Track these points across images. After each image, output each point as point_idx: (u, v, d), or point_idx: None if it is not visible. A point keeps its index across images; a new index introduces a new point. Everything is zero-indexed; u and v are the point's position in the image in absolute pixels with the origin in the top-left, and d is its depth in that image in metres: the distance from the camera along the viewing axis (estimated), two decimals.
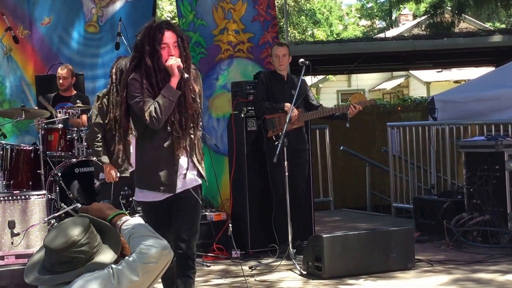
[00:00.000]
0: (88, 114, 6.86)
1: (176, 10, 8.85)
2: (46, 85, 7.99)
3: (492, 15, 23.79)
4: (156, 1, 9.34)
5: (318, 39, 27.62)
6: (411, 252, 6.19)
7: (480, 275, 5.91)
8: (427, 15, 17.93)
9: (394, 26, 32.52)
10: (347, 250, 5.94)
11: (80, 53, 8.69)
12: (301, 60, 6.64)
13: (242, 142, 7.15)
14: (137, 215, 4.41)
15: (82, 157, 7.07)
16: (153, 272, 2.82)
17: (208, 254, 6.83)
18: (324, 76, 27.10)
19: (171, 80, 4.22)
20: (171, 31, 4.25)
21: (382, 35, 26.07)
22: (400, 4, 26.60)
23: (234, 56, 8.38)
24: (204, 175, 4.44)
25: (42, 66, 8.53)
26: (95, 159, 6.39)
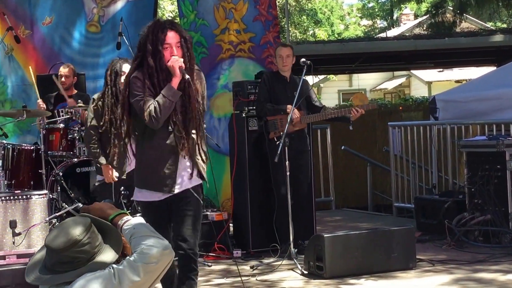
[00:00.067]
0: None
1: (177, 10, 8.86)
2: (47, 85, 7.98)
3: (494, 14, 23.77)
4: (158, 0, 9.35)
5: (319, 39, 27.60)
6: (412, 252, 6.19)
7: (481, 275, 5.91)
8: (428, 15, 17.92)
9: (395, 26, 32.52)
10: (348, 249, 5.94)
11: (81, 53, 8.70)
12: (302, 59, 6.64)
13: (243, 142, 7.15)
14: (138, 214, 4.41)
15: (83, 156, 7.06)
16: (154, 272, 2.82)
17: (209, 254, 6.83)
18: (325, 76, 27.10)
19: (172, 81, 4.21)
20: (174, 31, 4.24)
21: (383, 35, 26.08)
22: (401, 4, 26.61)
23: (235, 55, 8.38)
24: (205, 176, 4.42)
25: (44, 66, 8.53)
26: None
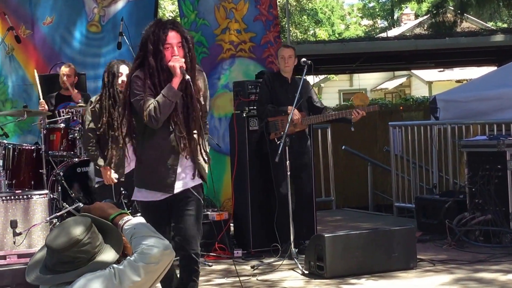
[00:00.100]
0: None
1: (178, 10, 8.86)
2: (48, 84, 7.99)
3: (494, 14, 23.76)
4: (158, 0, 9.34)
5: (320, 39, 27.57)
6: (413, 252, 6.18)
7: (482, 274, 5.91)
8: (429, 15, 17.91)
9: (396, 26, 32.52)
10: (349, 249, 5.94)
11: (82, 52, 8.70)
12: (303, 59, 6.64)
13: (244, 142, 7.15)
14: (138, 214, 4.40)
15: (84, 156, 7.06)
16: (155, 272, 2.82)
17: (210, 254, 6.83)
18: (326, 75, 27.10)
19: (172, 81, 4.20)
20: (176, 31, 4.23)
21: (384, 35, 26.07)
22: (402, 4, 26.59)
23: (236, 55, 8.38)
24: (206, 177, 4.40)
25: (44, 66, 8.53)
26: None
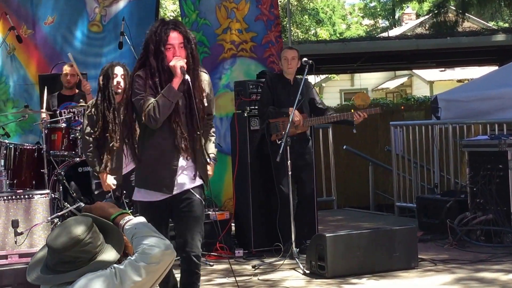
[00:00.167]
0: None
1: (179, 10, 8.86)
2: (49, 84, 7.99)
3: (496, 14, 23.74)
4: (159, 0, 9.34)
5: (321, 38, 27.58)
6: (414, 251, 6.18)
7: (483, 274, 5.91)
8: (431, 14, 17.90)
9: (397, 25, 32.49)
10: (350, 249, 5.94)
11: (83, 52, 8.70)
12: (304, 59, 6.64)
13: (245, 141, 7.15)
14: (137, 214, 4.40)
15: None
16: (156, 272, 2.81)
17: (211, 254, 6.83)
18: (327, 75, 27.09)
19: (173, 81, 4.19)
20: (177, 31, 4.23)
21: (385, 34, 26.04)
22: (403, 3, 26.58)
23: (237, 55, 8.39)
24: (206, 178, 4.37)
25: (45, 66, 8.54)
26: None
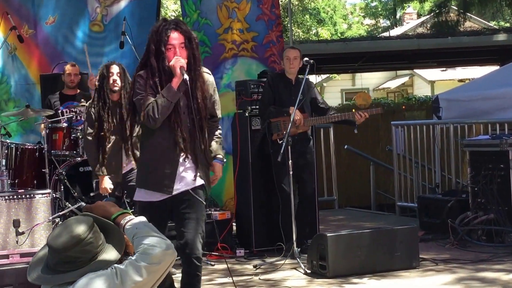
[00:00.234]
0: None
1: (181, 9, 8.87)
2: (51, 84, 7.99)
3: (497, 14, 23.74)
4: (161, 0, 9.35)
5: (322, 38, 27.59)
6: (415, 251, 6.18)
7: (484, 274, 5.91)
8: (432, 14, 17.90)
9: (398, 25, 32.48)
10: (351, 249, 5.94)
11: (84, 52, 8.69)
12: (305, 59, 6.63)
13: (246, 141, 7.15)
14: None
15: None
16: (157, 272, 2.80)
17: (212, 253, 6.83)
18: (328, 75, 27.09)
19: (172, 81, 4.17)
20: (178, 31, 4.20)
21: (386, 34, 26.05)
22: (404, 3, 26.59)
23: (238, 55, 8.39)
24: (206, 180, 4.34)
25: (47, 65, 8.54)
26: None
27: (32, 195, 5.99)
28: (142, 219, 3.00)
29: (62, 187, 6.82)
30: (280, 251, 6.68)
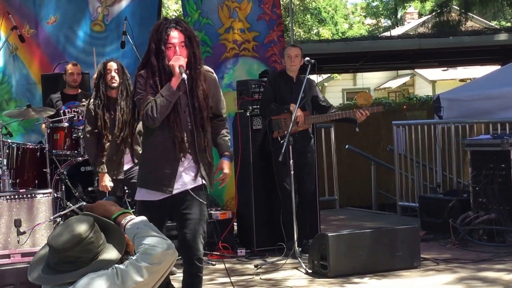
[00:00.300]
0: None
1: (182, 9, 8.87)
2: (52, 84, 8.00)
3: (498, 13, 23.73)
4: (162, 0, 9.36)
5: (323, 38, 27.61)
6: (416, 251, 6.18)
7: (485, 273, 5.90)
8: (434, 14, 17.90)
9: (399, 25, 32.50)
10: (352, 248, 5.94)
11: (85, 52, 8.70)
12: (306, 58, 6.63)
13: (247, 141, 7.15)
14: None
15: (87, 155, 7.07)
16: (158, 272, 2.80)
17: (214, 253, 6.83)
18: (330, 74, 27.10)
19: (171, 80, 4.16)
20: (178, 30, 4.18)
21: (387, 34, 26.05)
22: (405, 3, 26.56)
23: (239, 54, 8.39)
24: (207, 180, 4.31)
25: (48, 65, 8.55)
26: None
27: (33, 195, 6.00)
28: (143, 218, 2.99)
29: (63, 186, 6.82)
30: (281, 250, 6.67)
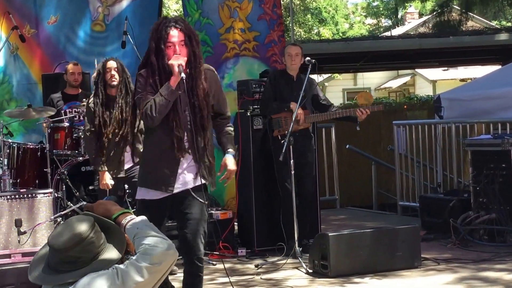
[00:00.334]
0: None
1: (182, 9, 8.87)
2: (52, 84, 8.00)
3: (498, 13, 23.73)
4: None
5: (324, 38, 27.61)
6: (417, 251, 6.18)
7: (486, 273, 5.90)
8: (434, 13, 17.90)
9: (400, 25, 32.50)
10: (353, 248, 5.94)
11: (86, 52, 8.71)
12: (307, 58, 6.63)
13: (248, 141, 7.15)
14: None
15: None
16: (158, 272, 2.79)
17: (214, 253, 6.83)
18: (330, 74, 27.09)
19: (170, 79, 4.15)
20: (178, 29, 4.17)
21: (388, 34, 26.05)
22: (405, 3, 26.57)
23: (240, 54, 8.38)
24: (208, 179, 4.31)
25: (49, 65, 8.55)
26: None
27: (34, 195, 6.00)
28: (143, 218, 2.98)
29: (64, 186, 6.82)
30: (282, 250, 6.67)
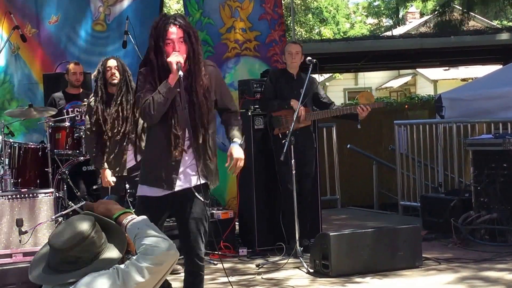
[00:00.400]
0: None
1: (183, 9, 8.87)
2: (54, 83, 8.00)
3: (499, 13, 23.72)
4: None
5: (325, 37, 27.59)
6: (418, 251, 6.18)
7: (487, 273, 5.90)
8: (435, 13, 17.89)
9: (401, 24, 32.47)
10: (354, 248, 5.94)
11: (87, 51, 8.71)
12: (308, 58, 6.62)
13: (249, 141, 7.13)
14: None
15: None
16: (159, 273, 2.79)
17: (215, 252, 6.83)
18: (331, 74, 27.09)
19: (169, 77, 4.14)
20: (177, 26, 4.15)
21: (389, 33, 26.04)
22: (407, 2, 26.57)
23: (241, 54, 8.38)
24: (210, 177, 4.31)
25: (50, 65, 8.55)
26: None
27: (35, 194, 6.00)
28: (144, 218, 2.98)
29: (65, 186, 6.83)
30: (282, 250, 6.67)
